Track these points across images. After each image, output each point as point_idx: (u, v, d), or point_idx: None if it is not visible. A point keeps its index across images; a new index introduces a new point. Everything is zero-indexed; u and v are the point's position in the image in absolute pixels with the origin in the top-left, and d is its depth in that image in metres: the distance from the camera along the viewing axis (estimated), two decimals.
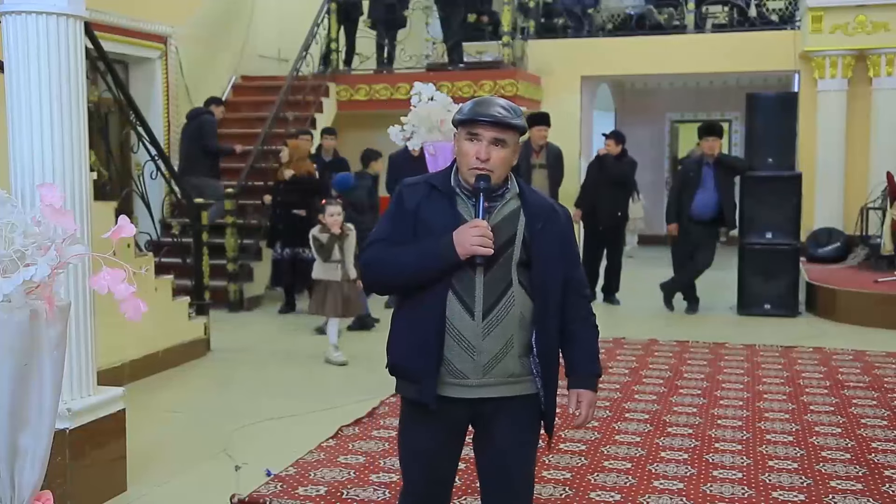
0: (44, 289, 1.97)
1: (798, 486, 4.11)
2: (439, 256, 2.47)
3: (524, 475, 2.64)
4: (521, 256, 2.54)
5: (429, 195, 2.57)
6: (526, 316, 2.55)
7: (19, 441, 2.03)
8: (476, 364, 2.51)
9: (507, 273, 2.53)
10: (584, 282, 2.71)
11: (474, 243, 2.44)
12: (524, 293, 2.55)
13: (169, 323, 6.57)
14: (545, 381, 2.59)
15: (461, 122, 2.55)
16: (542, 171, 8.94)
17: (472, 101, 2.61)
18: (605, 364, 6.55)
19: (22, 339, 1.95)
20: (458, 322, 2.50)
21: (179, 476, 4.36)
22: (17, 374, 1.97)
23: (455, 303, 2.50)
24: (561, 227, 2.61)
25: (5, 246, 1.93)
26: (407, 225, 2.56)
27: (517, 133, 2.55)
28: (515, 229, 2.55)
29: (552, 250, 2.57)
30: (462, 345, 2.50)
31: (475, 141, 2.51)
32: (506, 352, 2.52)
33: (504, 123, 2.49)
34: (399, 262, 2.54)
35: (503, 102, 2.56)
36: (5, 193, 2.04)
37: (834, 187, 11.12)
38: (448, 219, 2.51)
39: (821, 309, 8.63)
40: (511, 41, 11.71)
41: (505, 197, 2.58)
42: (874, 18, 10.83)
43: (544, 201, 2.65)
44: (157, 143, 7.09)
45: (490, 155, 2.49)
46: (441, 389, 2.54)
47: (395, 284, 2.65)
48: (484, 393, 2.53)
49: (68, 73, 3.72)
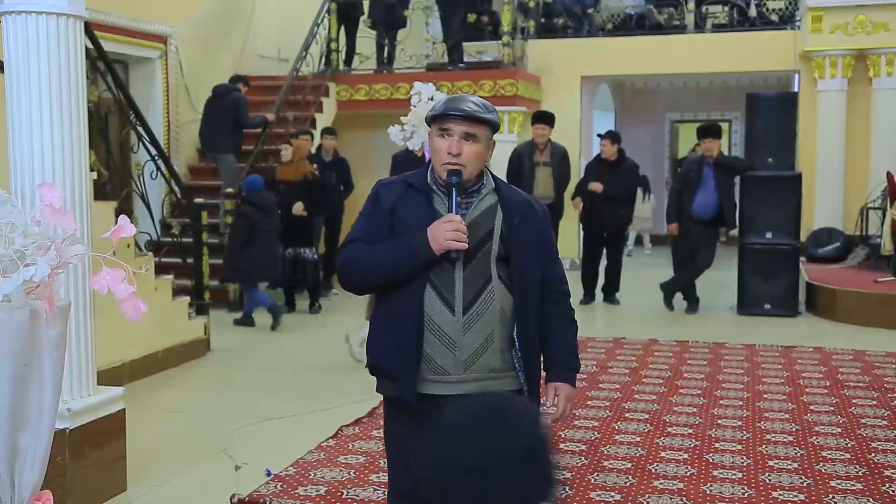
0: (44, 289, 1.97)
1: (798, 486, 4.11)
2: (415, 253, 2.48)
3: None
4: (499, 251, 2.55)
5: (405, 193, 2.59)
6: (506, 311, 2.56)
7: (19, 441, 2.03)
8: (457, 359, 2.51)
9: (487, 268, 2.54)
10: (562, 277, 2.71)
11: (448, 238, 2.45)
12: (504, 288, 2.56)
13: (169, 323, 6.56)
14: (528, 375, 2.60)
15: (433, 119, 2.56)
16: (547, 168, 8.93)
17: (445, 98, 2.64)
18: (605, 364, 6.55)
19: (22, 339, 1.95)
20: (439, 317, 2.51)
21: (179, 476, 4.36)
22: (17, 374, 1.97)
23: (435, 298, 2.51)
24: (538, 222, 2.63)
25: (5, 246, 1.93)
26: (383, 223, 2.57)
27: (489, 128, 2.55)
28: (493, 224, 2.56)
29: (530, 245, 2.58)
30: (443, 340, 2.51)
31: (446, 136, 2.53)
32: (486, 346, 2.53)
33: (474, 117, 2.51)
34: (375, 259, 2.55)
35: (475, 98, 2.58)
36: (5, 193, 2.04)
37: (834, 187, 11.10)
38: (424, 216, 2.52)
39: (821, 309, 8.63)
40: (511, 41, 11.70)
41: (481, 192, 2.59)
42: (874, 18, 10.82)
43: (521, 197, 2.67)
44: (157, 143, 7.09)
45: (461, 149, 2.51)
46: (422, 387, 2.54)
47: (372, 282, 2.65)
48: (466, 389, 2.53)
49: (68, 73, 3.72)
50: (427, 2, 12.39)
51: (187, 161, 10.96)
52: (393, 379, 2.58)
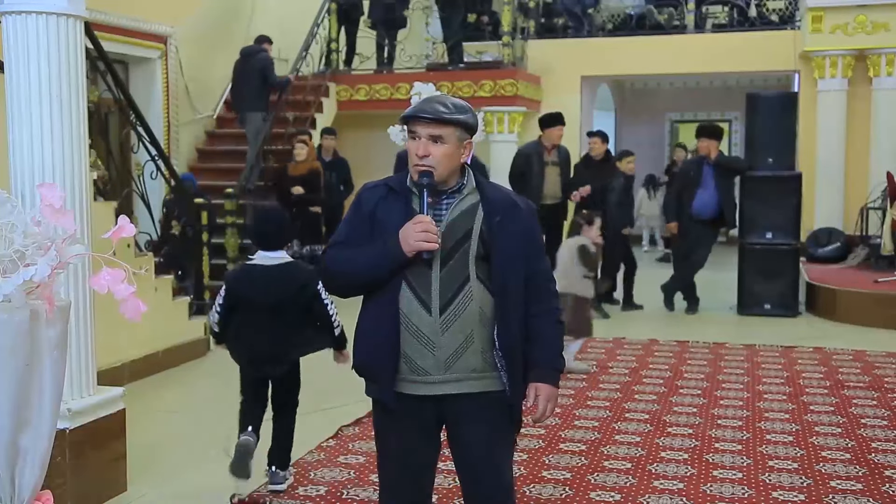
0: (44, 289, 1.96)
1: (798, 486, 4.11)
2: (388, 255, 2.49)
3: (496, 474, 2.63)
4: (478, 251, 2.54)
5: (386, 196, 2.60)
6: (486, 311, 2.55)
7: (20, 441, 2.03)
8: (436, 360, 2.51)
9: (465, 268, 2.53)
10: (549, 275, 2.69)
11: (418, 239, 2.45)
12: (483, 288, 2.55)
13: (169, 323, 6.56)
14: (510, 375, 2.58)
15: (404, 121, 2.58)
16: (555, 168, 8.92)
17: (420, 100, 2.64)
18: (605, 364, 6.55)
19: (22, 339, 1.95)
20: (416, 318, 2.51)
21: (179, 476, 4.36)
22: (17, 375, 1.97)
23: (412, 299, 2.51)
24: (523, 220, 2.61)
25: (5, 246, 1.93)
26: (364, 227, 2.58)
27: (459, 129, 2.53)
28: (472, 223, 2.55)
29: (512, 244, 2.56)
30: (421, 341, 2.51)
31: (415, 139, 2.53)
32: (466, 347, 2.52)
33: (439, 119, 2.50)
34: (355, 262, 2.56)
35: (447, 100, 2.57)
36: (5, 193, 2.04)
37: (834, 187, 11.11)
38: (402, 218, 2.52)
39: (821, 309, 8.63)
40: (511, 41, 11.70)
41: (462, 192, 2.58)
42: (874, 18, 10.82)
43: (504, 196, 2.65)
44: (157, 143, 7.09)
45: (428, 151, 2.50)
46: (404, 388, 2.55)
47: (352, 285, 2.66)
48: (447, 389, 2.53)
49: (68, 73, 3.72)
50: (427, 2, 12.39)
51: (187, 161, 10.96)
52: (374, 380, 2.59)
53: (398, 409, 2.56)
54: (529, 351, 2.62)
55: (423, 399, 2.55)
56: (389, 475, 2.68)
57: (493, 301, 2.55)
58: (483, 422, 2.58)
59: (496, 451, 2.62)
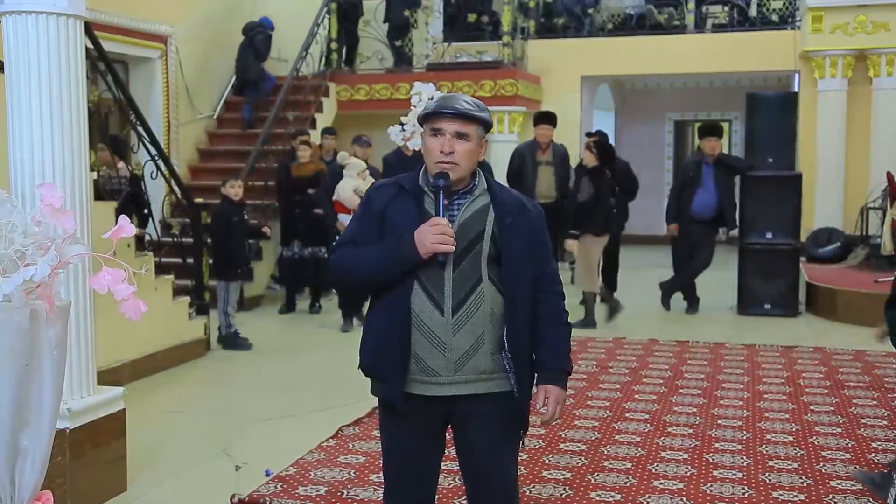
0: (44, 289, 1.96)
1: (798, 486, 4.11)
2: (402, 256, 2.48)
3: (503, 474, 2.63)
4: (490, 252, 2.54)
5: (396, 196, 2.58)
6: (496, 312, 2.55)
7: (20, 441, 2.03)
8: (447, 361, 2.51)
9: (477, 269, 2.53)
10: (556, 277, 2.69)
11: (434, 241, 2.44)
12: (494, 289, 2.54)
13: (169, 323, 6.57)
14: (519, 377, 2.58)
15: (425, 118, 2.56)
16: (549, 168, 8.92)
17: (437, 98, 2.63)
18: (605, 364, 6.55)
19: (22, 339, 1.95)
20: (428, 319, 2.50)
21: (179, 476, 4.36)
22: (17, 375, 1.97)
23: (424, 299, 2.50)
24: (532, 222, 2.60)
25: (5, 246, 1.93)
26: (373, 227, 2.57)
27: (481, 127, 2.55)
28: (484, 225, 2.55)
29: (522, 246, 2.56)
30: (433, 342, 2.50)
31: (438, 135, 2.52)
32: (477, 348, 2.52)
33: (466, 115, 2.50)
34: (364, 262, 2.55)
35: (467, 97, 2.57)
36: (5, 193, 2.04)
37: (834, 187, 11.10)
38: (413, 218, 2.51)
39: (821, 309, 8.62)
40: (511, 41, 11.71)
41: (473, 193, 2.58)
42: (874, 18, 10.82)
43: (514, 197, 2.65)
44: (157, 143, 7.09)
45: (454, 148, 2.50)
46: (413, 388, 2.54)
47: (361, 285, 2.67)
48: (456, 390, 2.53)
49: (68, 73, 3.72)
50: (427, 2, 12.41)
51: (187, 161, 10.96)
52: (381, 380, 2.58)
53: (406, 409, 2.55)
54: (537, 353, 2.63)
55: (432, 399, 2.54)
56: (394, 475, 2.68)
57: (503, 302, 2.55)
58: (491, 423, 2.58)
59: (503, 451, 2.62)
